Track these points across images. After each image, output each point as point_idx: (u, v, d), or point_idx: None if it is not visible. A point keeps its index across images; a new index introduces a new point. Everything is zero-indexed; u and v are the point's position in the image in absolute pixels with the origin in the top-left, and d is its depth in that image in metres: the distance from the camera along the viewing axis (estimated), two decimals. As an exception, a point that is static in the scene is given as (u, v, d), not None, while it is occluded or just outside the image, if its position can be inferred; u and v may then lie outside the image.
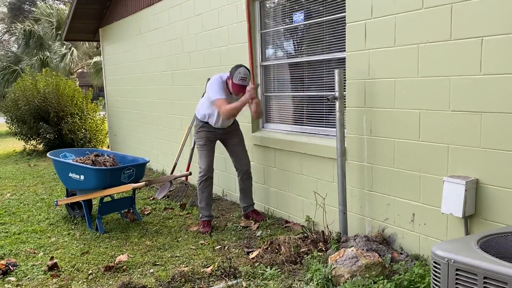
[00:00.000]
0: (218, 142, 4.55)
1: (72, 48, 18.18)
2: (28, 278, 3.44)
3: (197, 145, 4.51)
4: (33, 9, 21.21)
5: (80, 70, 21.29)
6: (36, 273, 3.51)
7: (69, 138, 9.76)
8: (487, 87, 2.71)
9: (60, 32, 16.39)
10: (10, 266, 3.58)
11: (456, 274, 1.89)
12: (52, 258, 3.75)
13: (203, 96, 5.62)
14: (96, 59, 18.99)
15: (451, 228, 3.02)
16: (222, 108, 4.11)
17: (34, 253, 3.96)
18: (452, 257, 1.90)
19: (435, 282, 1.98)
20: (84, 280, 3.37)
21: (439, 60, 2.95)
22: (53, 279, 3.39)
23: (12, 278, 3.43)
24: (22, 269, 3.60)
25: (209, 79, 5.57)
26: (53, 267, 3.57)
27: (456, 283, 1.89)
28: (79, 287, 3.24)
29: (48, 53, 17.88)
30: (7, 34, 37.71)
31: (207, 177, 4.41)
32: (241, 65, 4.12)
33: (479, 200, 2.84)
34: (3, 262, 3.63)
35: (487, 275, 1.77)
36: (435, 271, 1.98)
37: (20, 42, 18.83)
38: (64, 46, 17.84)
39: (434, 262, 1.98)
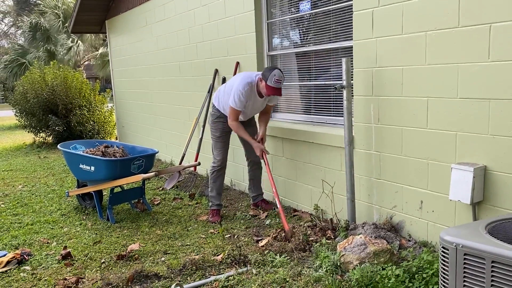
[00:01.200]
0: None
1: (78, 41, 18.22)
2: (43, 267, 3.52)
3: (212, 135, 4.50)
4: (39, 1, 21.23)
5: (87, 63, 21.35)
6: (50, 262, 3.59)
7: (78, 130, 9.85)
8: (495, 74, 2.71)
9: (66, 24, 16.43)
10: (25, 256, 3.66)
11: (464, 259, 1.91)
12: (65, 247, 3.83)
13: (212, 86, 5.65)
14: (101, 50, 19.02)
15: (459, 215, 3.04)
16: (230, 118, 4.18)
17: (48, 243, 4.04)
18: (460, 242, 1.93)
19: (444, 267, 2.01)
20: (98, 268, 3.44)
21: (447, 47, 2.94)
22: (67, 268, 3.47)
23: (27, 267, 3.51)
24: (37, 258, 3.68)
25: (216, 70, 5.62)
26: (66, 256, 3.64)
27: (464, 268, 1.92)
28: (93, 275, 3.30)
29: (53, 46, 17.94)
30: (13, 27, 37.86)
31: (221, 167, 4.46)
32: (275, 67, 4.02)
33: (487, 187, 2.85)
34: (18, 251, 3.71)
35: (495, 259, 1.80)
36: (444, 256, 2.01)
37: (27, 35, 18.90)
38: (70, 39, 17.88)
39: (443, 247, 2.01)
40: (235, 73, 5.11)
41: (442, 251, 2.02)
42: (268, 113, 4.43)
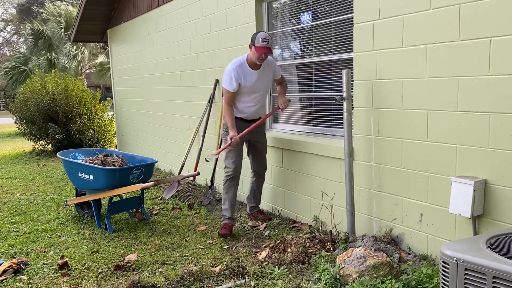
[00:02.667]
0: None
1: (84, 49, 18.30)
2: (39, 277, 3.49)
3: (225, 143, 4.33)
4: (42, 10, 21.37)
5: (88, 71, 21.42)
6: (47, 272, 3.56)
7: (78, 138, 9.85)
8: (495, 87, 2.71)
9: (68, 33, 16.51)
10: (21, 265, 3.63)
11: (465, 274, 1.89)
12: (62, 257, 3.80)
13: (212, 95, 5.67)
14: (101, 58, 19.09)
15: (459, 228, 3.02)
16: (224, 101, 4.20)
17: (45, 252, 4.01)
18: (461, 257, 1.91)
19: (444, 281, 1.99)
20: (95, 278, 3.41)
21: (447, 60, 2.95)
22: (63, 278, 3.44)
23: (24, 277, 3.48)
24: (33, 267, 3.65)
25: (217, 80, 5.64)
26: (63, 266, 3.61)
27: (465, 283, 1.90)
28: (90, 286, 3.27)
29: (54, 54, 18.00)
30: (16, 35, 38.07)
31: (234, 176, 4.30)
32: (260, 31, 4.12)
33: (487, 201, 2.84)
34: (14, 261, 3.68)
35: (496, 274, 1.78)
36: (444, 271, 1.99)
37: (29, 43, 18.99)
38: (75, 47, 17.96)
39: (443, 262, 1.99)
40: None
41: (443, 266, 2.00)
42: (282, 85, 4.44)
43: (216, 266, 3.47)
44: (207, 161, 4.43)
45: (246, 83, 4.15)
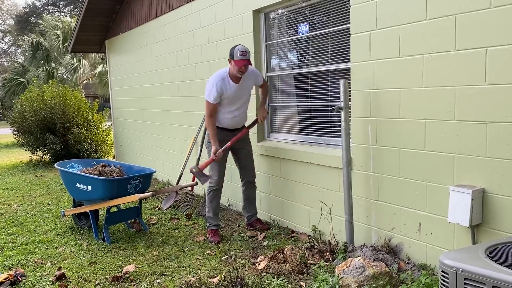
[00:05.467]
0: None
1: (83, 61, 18.34)
2: (36, 289, 3.46)
3: (209, 154, 4.47)
4: (40, 21, 21.45)
5: (85, 81, 21.46)
6: (44, 284, 3.53)
7: (75, 148, 9.83)
8: (492, 96, 2.73)
9: (66, 44, 16.57)
10: (18, 277, 3.60)
11: (465, 283, 1.89)
12: (59, 268, 3.77)
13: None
14: (99, 69, 19.14)
15: (458, 238, 3.02)
16: (207, 115, 4.29)
17: (42, 263, 3.98)
18: (460, 266, 1.91)
19: (443, 291, 1.99)
20: (92, 290, 3.38)
21: (444, 70, 2.98)
22: (61, 290, 3.41)
23: (20, 289, 3.45)
24: (30, 279, 3.62)
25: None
26: (60, 277, 3.58)
27: (465, 292, 1.89)
28: (87, 297, 3.25)
29: (53, 65, 18.04)
30: (14, 46, 38.18)
31: (218, 188, 4.46)
32: (237, 45, 4.22)
33: (485, 209, 2.84)
34: (11, 272, 3.65)
35: (496, 284, 1.78)
36: (443, 280, 1.98)
37: (27, 54, 19.02)
38: (75, 59, 18.01)
39: (442, 271, 1.99)
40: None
41: (442, 275, 1.99)
42: (263, 89, 4.53)
43: (214, 277, 3.45)
44: (192, 172, 4.48)
45: (227, 94, 4.25)
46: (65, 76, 17.86)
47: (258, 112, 4.53)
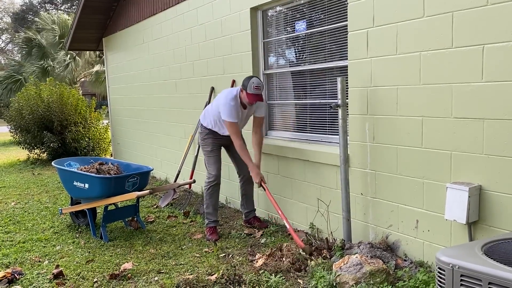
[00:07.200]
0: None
1: (77, 57, 18.27)
2: (34, 287, 3.45)
3: (204, 151, 4.53)
4: (37, 19, 21.36)
5: (82, 79, 21.40)
6: (41, 282, 3.53)
7: (73, 146, 9.81)
8: (489, 94, 2.74)
9: (63, 41, 16.50)
10: (15, 275, 3.60)
11: (461, 280, 1.90)
12: (57, 266, 3.77)
13: (208, 103, 5.68)
14: (97, 67, 19.08)
15: (454, 235, 3.03)
16: (235, 137, 4.19)
17: (39, 261, 3.98)
18: (456, 263, 1.91)
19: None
20: (90, 288, 3.38)
21: (441, 67, 2.98)
22: (58, 287, 3.40)
23: (18, 287, 3.44)
24: (28, 277, 3.62)
25: (212, 87, 5.65)
26: (58, 275, 3.58)
27: (461, 289, 1.90)
28: (85, 295, 3.25)
29: (51, 62, 17.97)
30: (11, 43, 38.06)
31: (217, 183, 4.45)
32: (252, 76, 4.17)
33: (482, 206, 2.85)
34: (9, 270, 3.65)
35: (492, 280, 1.78)
36: (440, 277, 1.99)
37: (23, 51, 18.93)
38: (68, 56, 17.93)
39: (439, 268, 1.99)
40: (231, 91, 5.13)
41: (439, 272, 2.00)
42: (259, 133, 4.40)
43: (212, 275, 3.46)
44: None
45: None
46: (61, 74, 17.77)
47: (253, 172, 4.26)
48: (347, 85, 3.68)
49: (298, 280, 3.30)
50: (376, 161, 3.54)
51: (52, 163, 5.07)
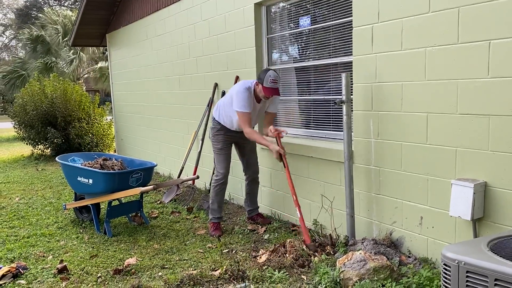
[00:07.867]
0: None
1: (81, 53, 18.28)
2: (38, 281, 3.47)
3: (214, 148, 4.48)
4: (40, 15, 21.37)
5: (86, 76, 21.43)
6: (46, 276, 3.54)
7: (77, 142, 9.83)
8: (495, 90, 2.72)
9: (67, 37, 16.52)
10: (20, 269, 3.61)
11: (467, 276, 1.89)
12: (61, 261, 3.78)
13: (212, 99, 5.68)
14: (101, 64, 19.10)
15: (459, 232, 3.02)
16: (244, 125, 4.08)
17: (44, 256, 3.99)
18: (462, 259, 1.91)
19: (446, 284, 1.99)
20: (94, 283, 3.39)
21: (447, 63, 2.96)
22: (63, 282, 3.42)
23: (23, 281, 3.46)
24: (32, 272, 3.63)
25: (216, 83, 5.64)
26: (62, 270, 3.59)
27: (467, 285, 1.89)
28: (89, 290, 3.26)
29: (54, 58, 17.99)
30: (14, 40, 38.13)
31: (224, 181, 4.43)
32: (269, 69, 4.07)
33: (487, 203, 2.84)
34: (13, 265, 3.66)
35: (498, 277, 1.78)
36: (445, 273, 1.98)
37: (27, 48, 18.96)
38: (72, 51, 17.95)
39: (444, 264, 1.99)
40: (234, 87, 5.13)
41: (444, 268, 1.99)
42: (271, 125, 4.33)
43: (216, 270, 3.46)
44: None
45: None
46: (65, 70, 17.80)
47: (273, 145, 4.05)
48: (351, 81, 3.66)
49: (302, 276, 3.30)
50: (381, 157, 3.52)
51: (56, 159, 5.08)
